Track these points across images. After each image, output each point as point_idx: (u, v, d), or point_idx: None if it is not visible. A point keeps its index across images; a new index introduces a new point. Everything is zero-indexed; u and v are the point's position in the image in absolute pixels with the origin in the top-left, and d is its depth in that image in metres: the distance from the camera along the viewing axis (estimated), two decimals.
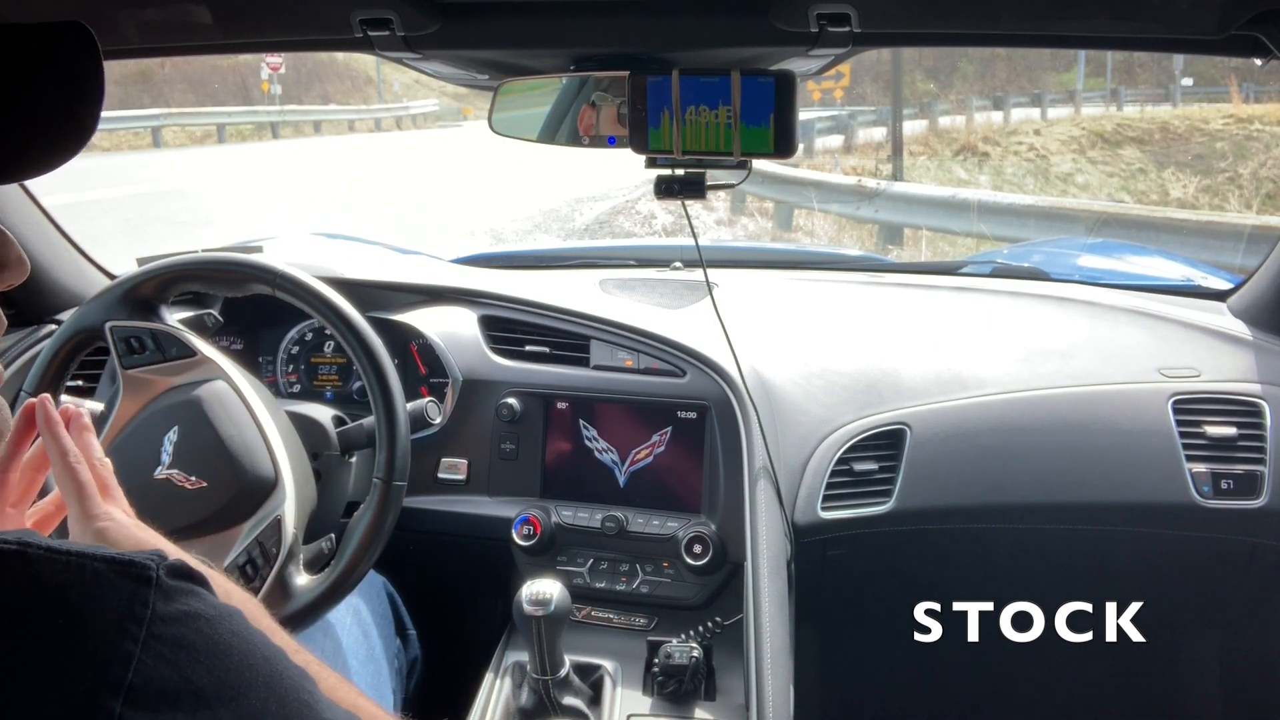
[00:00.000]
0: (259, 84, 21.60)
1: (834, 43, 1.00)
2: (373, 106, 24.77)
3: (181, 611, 0.47)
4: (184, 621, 0.47)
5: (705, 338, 1.51)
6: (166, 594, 0.47)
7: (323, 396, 1.71)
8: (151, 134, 17.74)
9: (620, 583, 1.48)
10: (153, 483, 1.18)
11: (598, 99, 1.11)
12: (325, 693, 0.54)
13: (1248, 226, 6.85)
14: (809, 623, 1.54)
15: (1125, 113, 15.45)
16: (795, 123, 1.04)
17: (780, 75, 1.03)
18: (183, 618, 0.47)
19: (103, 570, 0.46)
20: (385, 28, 0.99)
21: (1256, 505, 1.49)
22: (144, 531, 0.74)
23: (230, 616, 0.50)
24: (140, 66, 19.63)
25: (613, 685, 1.29)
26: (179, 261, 1.27)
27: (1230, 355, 1.64)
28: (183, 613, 0.47)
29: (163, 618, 0.46)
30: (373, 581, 1.48)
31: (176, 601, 0.47)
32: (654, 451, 1.51)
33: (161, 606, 0.46)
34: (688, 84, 1.04)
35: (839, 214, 9.18)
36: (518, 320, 1.61)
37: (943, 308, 1.85)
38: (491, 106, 1.20)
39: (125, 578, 0.46)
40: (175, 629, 0.46)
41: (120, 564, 0.47)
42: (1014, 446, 1.53)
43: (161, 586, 0.47)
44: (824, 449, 1.49)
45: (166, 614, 0.46)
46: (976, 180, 11.79)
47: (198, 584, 0.50)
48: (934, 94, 17.56)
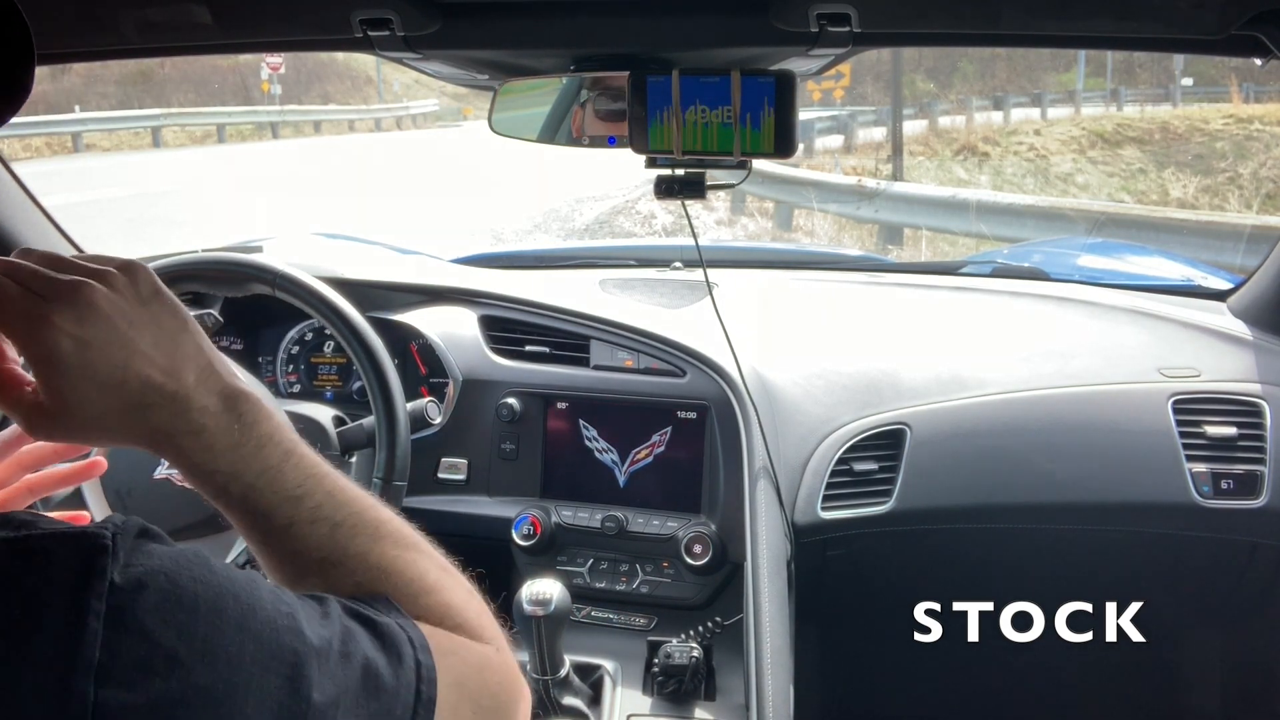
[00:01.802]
0: (259, 84, 21.60)
1: (834, 43, 1.00)
2: (373, 106, 24.77)
3: (141, 574, 0.45)
4: (145, 584, 0.45)
5: (705, 338, 1.51)
6: (122, 559, 0.45)
7: (323, 396, 1.71)
8: (151, 134, 17.75)
9: (620, 583, 1.48)
10: (152, 483, 1.18)
11: (592, 99, 1.11)
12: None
13: (1248, 226, 6.85)
14: (809, 623, 1.54)
15: (1125, 113, 15.45)
16: (795, 123, 1.04)
17: (780, 75, 1.03)
18: (143, 579, 0.45)
19: (53, 548, 0.45)
20: (385, 28, 0.99)
21: (1256, 505, 1.49)
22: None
23: (191, 563, 0.48)
24: (140, 66, 19.66)
25: (613, 685, 1.29)
26: (179, 261, 1.28)
27: (1230, 355, 1.64)
28: (142, 574, 0.45)
29: (122, 586, 0.44)
30: None
31: (135, 564, 0.46)
32: (654, 451, 1.51)
33: (119, 574, 0.45)
34: (688, 84, 1.04)
35: (839, 214, 9.18)
36: (518, 320, 1.61)
37: (943, 308, 1.85)
38: (491, 106, 1.20)
39: (78, 552, 0.45)
40: (135, 594, 0.45)
41: (71, 537, 0.46)
42: (1014, 446, 1.54)
43: (117, 553, 0.45)
44: (824, 449, 1.49)
45: (126, 581, 0.45)
46: (976, 180, 11.79)
47: (151, 538, 0.48)
48: (934, 94, 17.56)
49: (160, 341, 0.58)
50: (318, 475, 0.61)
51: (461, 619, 0.62)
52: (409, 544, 0.64)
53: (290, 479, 0.60)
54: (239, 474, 0.59)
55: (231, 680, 0.46)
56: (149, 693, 0.43)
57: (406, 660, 0.54)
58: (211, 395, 0.59)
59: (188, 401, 0.57)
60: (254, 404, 0.60)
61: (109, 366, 0.55)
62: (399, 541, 0.63)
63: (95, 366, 0.55)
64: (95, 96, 20.40)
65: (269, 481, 0.59)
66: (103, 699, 0.42)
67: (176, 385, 0.57)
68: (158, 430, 0.57)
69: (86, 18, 1.00)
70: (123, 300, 0.57)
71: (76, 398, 0.55)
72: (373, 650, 0.53)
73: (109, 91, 20.95)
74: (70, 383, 0.55)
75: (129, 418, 0.57)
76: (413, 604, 0.60)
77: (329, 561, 0.60)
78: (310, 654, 0.49)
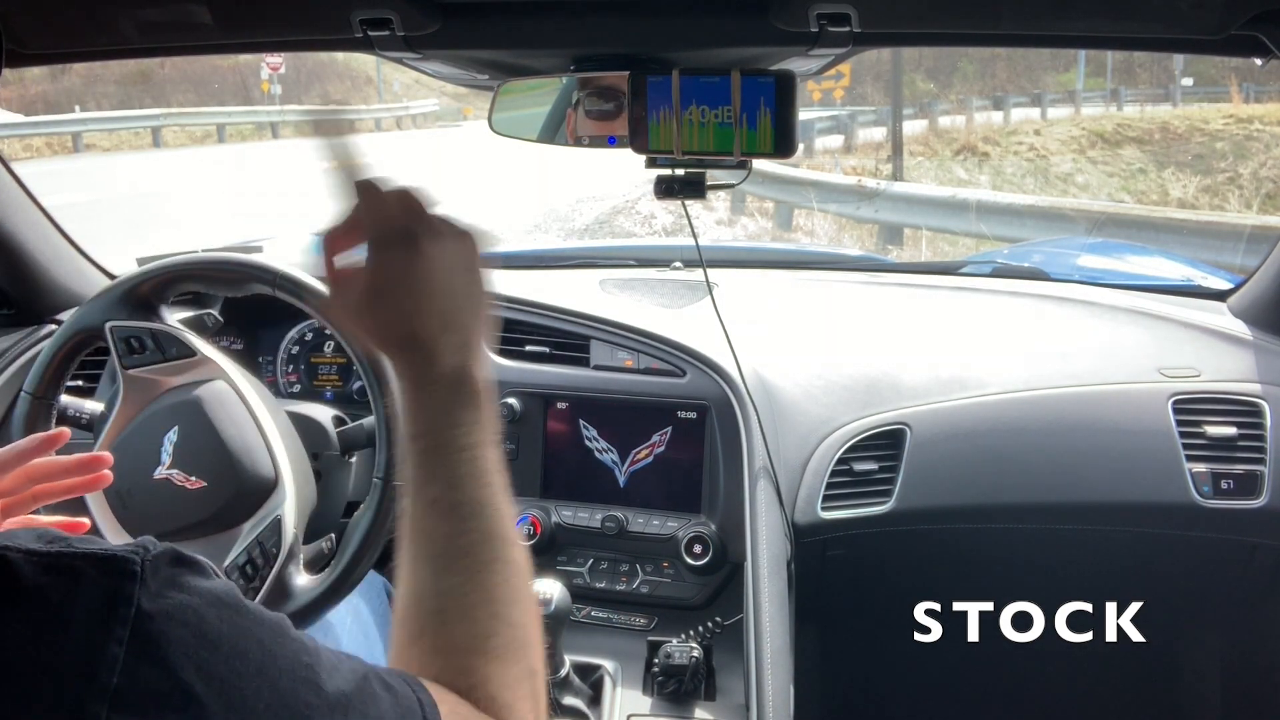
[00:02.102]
0: (259, 84, 21.61)
1: (834, 43, 1.00)
2: (373, 106, 24.76)
3: (168, 605, 0.45)
4: (171, 615, 0.45)
5: (705, 338, 1.51)
6: (152, 588, 0.45)
7: (323, 396, 1.70)
8: (151, 134, 17.76)
9: (620, 583, 1.48)
10: (152, 483, 1.18)
11: (583, 99, 1.11)
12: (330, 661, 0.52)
13: (1248, 226, 6.85)
14: (809, 623, 1.54)
15: (1125, 113, 15.46)
16: (795, 123, 1.04)
17: (780, 75, 1.03)
18: (170, 611, 0.45)
19: (83, 569, 0.45)
20: (385, 28, 0.99)
21: (1256, 505, 1.49)
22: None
23: (220, 602, 0.48)
24: (140, 66, 19.67)
25: (613, 685, 1.29)
26: (179, 261, 1.27)
27: (1230, 355, 1.64)
28: (170, 606, 0.45)
29: (149, 614, 0.44)
30: (373, 581, 1.48)
31: (164, 594, 0.45)
32: (654, 451, 1.51)
33: (146, 602, 0.44)
34: (688, 84, 1.04)
35: (839, 214, 9.18)
36: (518, 320, 1.61)
37: (943, 308, 1.85)
38: (491, 106, 1.19)
39: (108, 574, 0.45)
40: (161, 625, 0.44)
41: (102, 560, 0.45)
42: (1014, 446, 1.54)
43: (146, 580, 0.45)
44: (824, 449, 1.49)
45: (152, 609, 0.44)
46: (976, 180, 11.79)
47: (186, 567, 0.48)
48: (934, 94, 17.57)
49: (451, 307, 0.67)
50: (481, 486, 0.66)
51: (478, 696, 0.61)
52: (509, 619, 0.65)
53: (460, 471, 0.66)
54: (431, 433, 0.66)
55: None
56: None
57: None
58: (452, 365, 0.67)
59: (434, 363, 0.67)
60: (474, 393, 0.68)
61: (413, 298, 0.66)
62: (501, 599, 0.65)
63: (407, 294, 0.66)
64: (95, 96, 20.41)
65: (445, 457, 0.66)
66: None
67: (434, 346, 0.67)
68: (407, 364, 0.68)
69: (86, 18, 1.00)
70: (456, 261, 0.68)
71: (380, 309, 0.67)
72: (390, 714, 0.52)
73: (109, 91, 20.96)
74: (386, 298, 0.66)
75: (395, 348, 0.68)
76: (465, 658, 0.61)
77: (437, 558, 0.64)
78: (323, 708, 0.49)
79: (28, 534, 0.46)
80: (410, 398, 0.67)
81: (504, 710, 0.61)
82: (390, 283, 0.66)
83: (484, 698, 0.60)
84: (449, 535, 0.64)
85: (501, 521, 0.66)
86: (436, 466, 0.66)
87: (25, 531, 0.47)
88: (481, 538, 0.65)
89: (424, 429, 0.67)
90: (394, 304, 0.66)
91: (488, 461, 0.67)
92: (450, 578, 0.63)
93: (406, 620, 0.63)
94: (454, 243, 0.68)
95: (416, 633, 0.63)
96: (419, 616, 0.63)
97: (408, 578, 0.64)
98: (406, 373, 0.68)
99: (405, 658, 0.62)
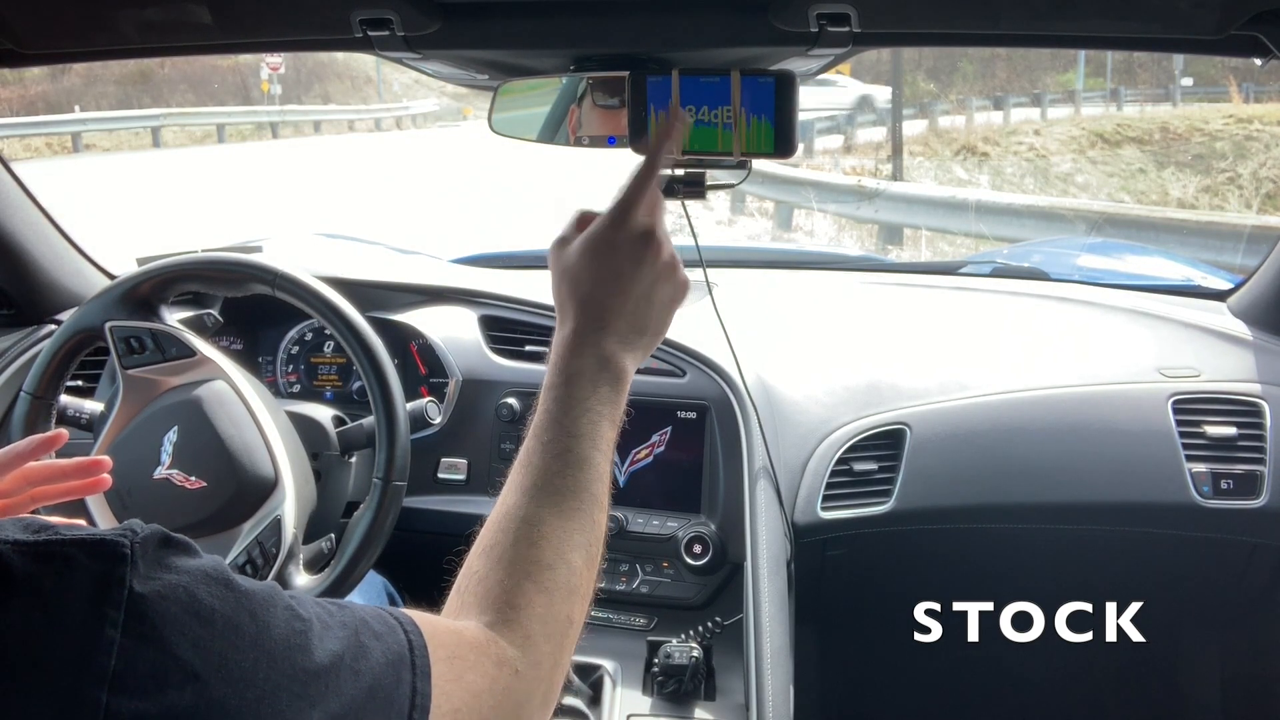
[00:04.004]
0: (259, 84, 21.62)
1: (834, 43, 0.99)
2: (373, 106, 24.78)
3: (160, 585, 0.45)
4: (164, 595, 0.45)
5: (705, 338, 1.51)
6: (142, 569, 0.45)
7: (323, 396, 1.71)
8: (151, 134, 17.76)
9: (620, 583, 1.48)
10: (152, 483, 1.18)
11: (589, 92, 1.11)
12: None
13: (1248, 226, 6.86)
14: (809, 623, 1.54)
15: (1125, 113, 15.45)
16: (795, 123, 1.04)
17: (780, 75, 1.03)
18: (162, 591, 0.45)
19: (73, 555, 0.45)
20: (385, 28, 0.99)
21: (1256, 505, 1.49)
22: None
23: (210, 578, 0.48)
24: (140, 66, 19.66)
25: (612, 685, 1.29)
26: (179, 261, 1.27)
27: (1230, 355, 1.64)
28: (162, 586, 0.45)
29: (141, 595, 0.44)
30: (373, 581, 1.48)
31: (155, 575, 0.46)
32: (654, 451, 1.51)
33: (139, 584, 0.45)
34: (687, 84, 1.04)
35: (839, 214, 9.18)
36: (518, 320, 1.61)
37: (943, 308, 1.85)
38: (491, 106, 1.19)
39: (98, 559, 0.45)
40: (155, 605, 0.45)
41: (91, 545, 0.45)
42: (1014, 446, 1.54)
43: (136, 563, 0.45)
44: (824, 449, 1.49)
45: (145, 591, 0.45)
46: (976, 180, 11.79)
47: (174, 547, 0.48)
48: (934, 94, 17.57)
49: (641, 310, 0.79)
50: (591, 447, 0.72)
51: (514, 617, 0.64)
52: (571, 562, 0.68)
53: (579, 427, 0.72)
54: (568, 384, 0.74)
55: (244, 696, 0.46)
56: (161, 703, 0.43)
57: (404, 685, 0.54)
58: (611, 349, 0.76)
59: (602, 337, 0.76)
60: (617, 378, 0.76)
61: (620, 279, 0.77)
62: (572, 544, 0.69)
63: (620, 271, 0.78)
64: (95, 96, 20.41)
65: (571, 409, 0.73)
66: (115, 706, 0.42)
67: (608, 323, 0.77)
68: (579, 324, 0.77)
69: (86, 18, 1.00)
70: (665, 280, 0.81)
71: (592, 265, 0.78)
72: (381, 664, 0.53)
73: (109, 91, 20.95)
74: (603, 260, 0.78)
75: (578, 305, 0.78)
76: (521, 579, 0.65)
77: (532, 488, 0.70)
78: (319, 672, 0.50)
79: (13, 524, 0.46)
80: (565, 351, 0.75)
81: (525, 642, 0.63)
82: (616, 252, 0.77)
83: (515, 622, 0.63)
84: (550, 474, 0.70)
85: (599, 481, 0.72)
86: (562, 416, 0.72)
87: (10, 521, 0.47)
88: (577, 486, 0.70)
89: (563, 380, 0.74)
90: (605, 269, 0.77)
91: (605, 430, 0.73)
92: (537, 508, 0.68)
93: (487, 532, 0.69)
94: (670, 267, 0.80)
95: (490, 543, 0.67)
96: (497, 530, 0.68)
97: (502, 501, 0.70)
98: (574, 330, 0.76)
99: (473, 565, 0.67)
